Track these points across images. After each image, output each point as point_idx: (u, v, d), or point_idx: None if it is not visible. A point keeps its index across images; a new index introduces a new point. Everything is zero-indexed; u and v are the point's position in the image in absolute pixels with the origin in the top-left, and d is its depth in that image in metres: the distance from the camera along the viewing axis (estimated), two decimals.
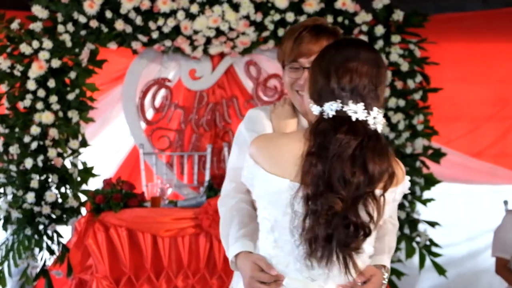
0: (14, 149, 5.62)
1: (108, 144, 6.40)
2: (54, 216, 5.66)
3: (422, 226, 5.99)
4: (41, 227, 5.65)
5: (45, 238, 5.66)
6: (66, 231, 5.78)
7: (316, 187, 2.05)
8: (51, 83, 5.65)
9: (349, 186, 2.05)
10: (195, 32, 5.90)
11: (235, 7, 5.89)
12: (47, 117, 5.63)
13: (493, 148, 6.40)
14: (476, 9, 6.38)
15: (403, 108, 5.93)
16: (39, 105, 5.64)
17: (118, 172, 6.22)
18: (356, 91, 2.10)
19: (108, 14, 5.78)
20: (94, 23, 5.77)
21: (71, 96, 5.74)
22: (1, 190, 5.68)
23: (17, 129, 5.65)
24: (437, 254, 5.95)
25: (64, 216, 5.68)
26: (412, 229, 5.92)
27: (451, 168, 6.20)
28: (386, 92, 5.88)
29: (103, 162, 6.20)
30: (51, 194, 5.63)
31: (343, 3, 5.89)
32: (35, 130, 5.61)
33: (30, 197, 5.58)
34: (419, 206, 6.00)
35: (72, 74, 5.74)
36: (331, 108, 2.10)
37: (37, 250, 5.68)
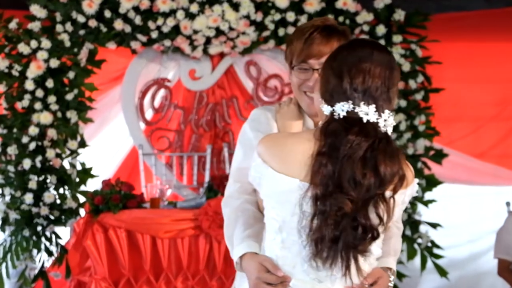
0: (12, 150, 5.63)
1: (107, 145, 6.40)
2: (53, 217, 5.67)
3: (424, 228, 5.99)
4: (39, 228, 5.66)
5: (44, 240, 5.67)
6: (65, 232, 5.79)
7: (326, 188, 2.06)
8: (50, 83, 5.66)
9: (360, 188, 2.06)
10: (195, 32, 5.91)
11: (235, 7, 5.90)
12: (46, 118, 5.64)
13: (496, 149, 6.41)
14: (479, 9, 6.38)
15: (405, 109, 5.94)
16: (38, 105, 5.65)
17: (117, 173, 6.23)
18: (368, 93, 2.11)
19: (107, 14, 5.79)
20: (93, 23, 5.78)
21: (70, 96, 5.75)
22: None
23: (15, 130, 5.67)
24: (439, 256, 5.95)
25: (63, 217, 5.69)
26: (414, 231, 5.92)
27: (453, 169, 6.20)
28: None
29: (102, 163, 6.20)
30: (50, 195, 5.65)
31: (344, 3, 5.90)
32: (33, 131, 5.62)
33: (28, 198, 5.59)
34: (421, 207, 6.01)
35: (71, 74, 5.75)
36: (342, 109, 2.11)
37: (35, 252, 5.69)
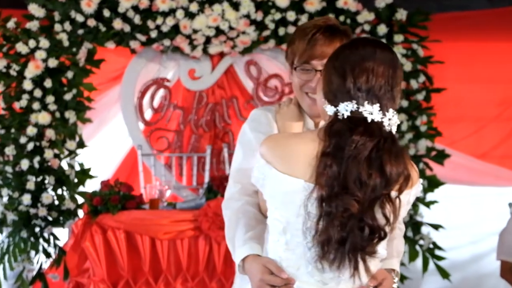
0: (10, 150, 5.63)
1: (106, 145, 6.40)
2: (51, 218, 5.67)
3: (426, 229, 5.99)
4: (37, 230, 5.66)
5: (41, 241, 5.67)
6: (63, 234, 5.79)
7: (331, 189, 2.05)
8: (48, 83, 5.66)
9: (365, 188, 2.05)
10: (195, 31, 5.91)
11: (235, 6, 5.90)
12: (44, 118, 5.64)
13: (498, 150, 6.40)
14: (481, 8, 6.38)
15: (406, 109, 5.94)
16: (36, 105, 5.65)
17: (116, 174, 6.23)
18: (372, 92, 2.10)
19: (106, 13, 5.79)
20: (92, 22, 5.78)
21: (68, 96, 5.75)
22: None
23: (13, 130, 5.66)
24: (441, 258, 5.95)
25: (61, 218, 5.69)
26: (415, 232, 5.92)
27: (455, 170, 6.20)
28: None
29: (101, 164, 6.20)
30: (48, 196, 5.64)
31: (345, 2, 5.90)
32: (32, 131, 5.61)
33: (26, 199, 5.59)
34: (422, 209, 6.01)
35: (69, 74, 5.75)
36: (346, 109, 2.10)
37: (33, 253, 5.68)
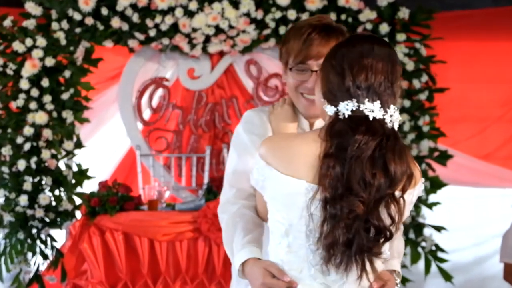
0: (7, 150, 5.62)
1: (104, 146, 6.40)
2: (48, 220, 5.66)
3: (428, 231, 5.98)
4: (34, 231, 5.64)
5: (39, 242, 5.65)
6: (60, 235, 5.78)
7: (335, 190, 2.04)
8: (45, 82, 5.65)
9: (370, 188, 2.04)
10: (194, 30, 5.90)
11: (235, 4, 5.89)
12: (41, 117, 5.63)
13: (502, 150, 6.40)
14: (484, 7, 6.37)
15: (409, 109, 5.93)
16: (33, 105, 5.64)
17: (114, 174, 6.23)
18: (372, 89, 2.09)
19: (104, 11, 5.78)
20: (90, 21, 5.77)
21: (66, 96, 5.73)
22: None
23: (10, 130, 5.65)
24: (443, 260, 5.94)
25: (58, 220, 5.67)
26: (418, 234, 5.91)
27: (458, 171, 6.20)
28: None
29: (99, 164, 6.20)
30: (45, 197, 5.63)
31: (347, 0, 5.89)
32: (28, 131, 5.60)
33: (23, 200, 5.57)
34: (425, 210, 6.00)
35: (67, 73, 5.73)
36: (347, 108, 2.09)
37: (30, 255, 5.67)
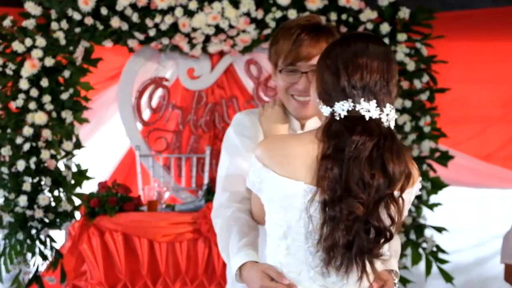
0: (6, 151, 5.62)
1: (103, 146, 6.40)
2: (47, 220, 5.66)
3: (429, 232, 5.99)
4: (34, 232, 5.65)
5: (38, 243, 5.66)
6: (60, 236, 5.78)
7: (334, 192, 2.04)
8: (44, 82, 5.66)
9: (369, 189, 2.04)
10: (194, 30, 5.91)
11: (235, 4, 5.89)
12: (40, 118, 5.63)
13: (503, 151, 6.40)
14: (485, 7, 6.38)
15: (410, 109, 5.93)
16: (32, 105, 5.65)
17: (114, 175, 6.23)
18: (368, 88, 2.08)
19: (104, 11, 5.79)
20: (89, 20, 5.78)
21: (65, 96, 5.74)
22: None
23: (9, 130, 5.66)
24: (444, 261, 5.95)
25: (58, 220, 5.68)
26: (418, 235, 5.92)
27: (459, 172, 6.20)
28: None
29: (98, 165, 6.20)
30: (44, 198, 5.64)
31: (347, 0, 5.89)
32: (28, 131, 5.61)
33: (22, 201, 5.58)
34: (426, 211, 6.00)
35: (66, 73, 5.74)
36: (343, 108, 2.08)
37: (30, 255, 5.68)
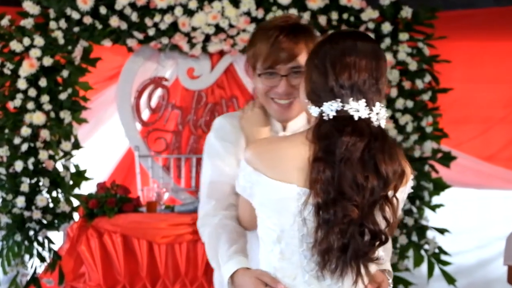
0: (4, 151, 5.62)
1: (102, 146, 6.40)
2: (45, 222, 5.66)
3: (431, 233, 5.99)
4: (32, 233, 5.65)
5: (36, 245, 5.66)
6: (58, 237, 5.78)
7: (327, 195, 2.02)
8: (43, 82, 5.65)
9: (363, 191, 2.02)
10: (194, 29, 5.90)
11: (235, 3, 5.89)
12: (38, 118, 5.63)
13: (506, 152, 6.40)
14: (487, 6, 6.38)
15: (411, 109, 5.93)
16: (30, 105, 5.64)
17: (112, 176, 6.23)
18: (356, 88, 2.06)
19: (103, 10, 5.79)
20: (88, 20, 5.77)
21: (63, 96, 5.74)
22: None
23: (7, 130, 5.65)
24: (447, 263, 5.95)
25: (56, 222, 5.68)
26: (421, 236, 5.92)
27: (461, 172, 6.20)
28: (394, 93, 5.89)
29: (97, 165, 6.20)
30: (42, 199, 5.63)
31: None
32: (26, 131, 5.61)
33: (20, 202, 5.58)
34: (428, 212, 6.00)
35: (65, 73, 5.74)
36: (331, 109, 2.06)
37: (27, 257, 5.68)
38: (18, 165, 5.59)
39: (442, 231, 5.99)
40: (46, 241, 5.69)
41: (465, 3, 6.34)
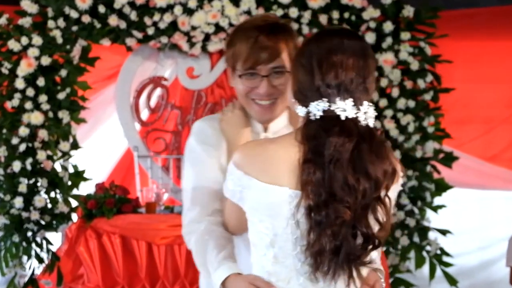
0: (2, 151, 5.61)
1: (101, 147, 6.40)
2: (44, 222, 5.65)
3: (433, 234, 5.98)
4: (30, 234, 5.64)
5: (34, 246, 5.65)
6: (56, 238, 5.77)
7: (318, 197, 2.00)
8: (41, 82, 5.64)
9: (356, 193, 2.01)
10: (193, 28, 5.89)
11: (235, 2, 5.88)
12: (36, 118, 5.62)
13: (508, 152, 6.40)
14: (490, 5, 6.37)
15: (413, 109, 5.92)
16: (28, 105, 5.63)
17: (111, 176, 6.22)
18: (343, 87, 2.04)
19: (101, 9, 5.78)
20: (87, 19, 5.76)
21: (62, 96, 5.73)
22: None
23: (5, 130, 5.64)
24: (448, 264, 5.94)
25: (54, 222, 5.67)
26: (422, 238, 5.91)
27: (464, 173, 6.19)
28: (395, 93, 5.88)
29: (95, 166, 6.20)
30: (40, 199, 5.62)
31: None
32: (24, 131, 5.60)
33: (18, 202, 5.57)
34: (430, 213, 5.99)
35: (63, 72, 5.73)
36: (318, 108, 2.05)
37: (25, 258, 5.67)
38: (16, 166, 5.58)
39: (444, 232, 5.98)
40: (44, 242, 5.68)
41: (468, 2, 6.33)
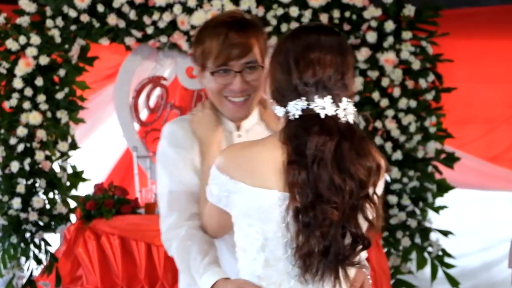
0: (0, 152, 5.62)
1: (100, 147, 6.40)
2: (42, 223, 5.65)
3: (434, 235, 5.98)
4: (28, 235, 5.64)
5: (32, 247, 5.65)
6: (55, 239, 5.77)
7: (305, 198, 1.98)
8: (39, 81, 5.64)
9: (343, 193, 1.99)
10: (193, 27, 5.89)
11: (235, 1, 5.88)
12: (35, 118, 5.62)
13: (510, 152, 6.40)
14: (492, 4, 6.38)
15: (415, 109, 5.92)
16: (26, 105, 5.63)
17: (110, 177, 6.23)
18: (322, 84, 2.02)
19: (100, 8, 5.78)
20: (85, 18, 5.76)
21: (60, 95, 5.73)
22: None
23: (3, 130, 5.64)
24: (450, 265, 5.94)
25: (52, 223, 5.67)
26: (424, 239, 5.91)
27: (465, 174, 6.19)
28: (397, 92, 5.88)
29: (94, 166, 6.20)
30: (39, 200, 5.63)
31: None
32: (22, 132, 5.60)
33: (16, 203, 5.57)
34: (431, 214, 5.99)
35: (61, 72, 5.73)
36: (296, 108, 2.02)
37: (24, 259, 5.67)
38: (14, 166, 5.58)
39: (446, 233, 5.98)
40: (43, 243, 5.68)
41: (469, 1, 6.34)
